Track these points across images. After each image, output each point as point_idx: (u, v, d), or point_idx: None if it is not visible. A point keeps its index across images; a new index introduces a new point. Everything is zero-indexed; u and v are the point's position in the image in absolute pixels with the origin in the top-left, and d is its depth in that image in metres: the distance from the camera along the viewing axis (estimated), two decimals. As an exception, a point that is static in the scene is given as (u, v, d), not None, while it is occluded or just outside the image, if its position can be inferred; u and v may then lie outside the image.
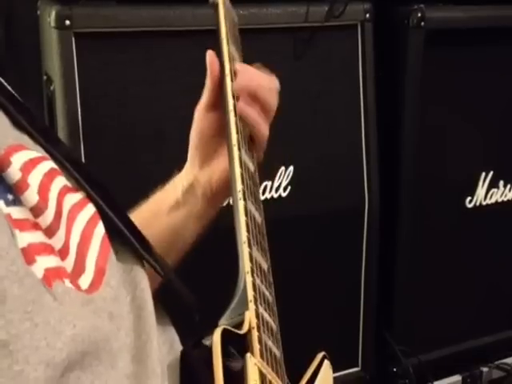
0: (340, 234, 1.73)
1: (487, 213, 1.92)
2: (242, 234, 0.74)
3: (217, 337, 0.64)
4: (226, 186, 0.87)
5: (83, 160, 1.42)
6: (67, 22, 1.39)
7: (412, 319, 1.85)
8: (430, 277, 1.87)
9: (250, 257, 0.73)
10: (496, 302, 1.99)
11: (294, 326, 1.40)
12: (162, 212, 0.91)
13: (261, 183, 1.61)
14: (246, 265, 0.72)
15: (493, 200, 1.92)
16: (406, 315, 1.85)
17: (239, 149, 0.80)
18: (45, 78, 1.55)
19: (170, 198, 0.91)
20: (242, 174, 0.78)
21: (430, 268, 1.87)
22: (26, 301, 0.53)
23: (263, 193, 1.62)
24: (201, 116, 0.90)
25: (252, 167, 0.83)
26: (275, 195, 1.64)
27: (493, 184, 1.91)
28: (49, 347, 0.53)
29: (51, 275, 0.57)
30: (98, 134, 1.45)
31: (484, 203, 1.91)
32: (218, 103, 0.88)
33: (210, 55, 0.88)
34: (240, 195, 0.77)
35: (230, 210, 0.79)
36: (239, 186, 0.77)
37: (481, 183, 1.90)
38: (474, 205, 1.90)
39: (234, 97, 0.85)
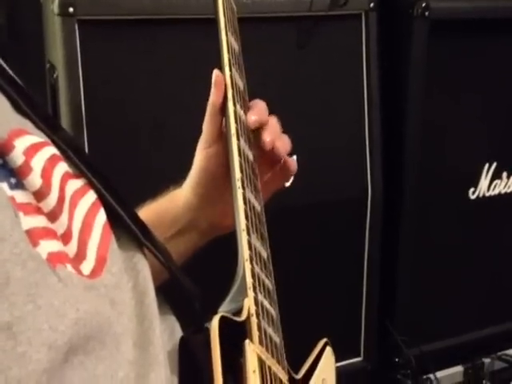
0: (343, 224, 1.73)
1: (490, 204, 1.91)
2: (241, 222, 0.74)
3: (215, 324, 0.64)
4: (228, 227, 0.86)
5: (86, 148, 1.43)
6: (70, 9, 1.39)
7: (414, 310, 1.85)
8: (432, 267, 1.87)
9: (248, 244, 0.73)
10: (499, 293, 1.99)
11: (295, 316, 1.40)
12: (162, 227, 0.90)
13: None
14: (244, 252, 0.73)
15: (496, 191, 1.92)
16: (408, 306, 1.85)
17: (238, 138, 0.80)
18: (48, 65, 1.55)
19: (166, 228, 0.90)
20: (240, 163, 0.78)
21: (432, 258, 1.87)
22: (29, 283, 0.53)
23: (266, 182, 1.62)
24: (203, 153, 0.88)
25: (251, 157, 0.83)
26: (278, 184, 1.64)
27: (496, 175, 1.91)
28: (51, 330, 0.53)
29: (54, 259, 0.57)
30: (101, 121, 1.45)
31: (487, 194, 1.91)
32: (219, 135, 0.87)
33: (216, 77, 0.85)
34: (239, 184, 0.77)
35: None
36: (238, 175, 0.77)
37: (484, 174, 1.89)
38: (477, 196, 1.90)
39: (232, 87, 0.84)
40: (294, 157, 1.64)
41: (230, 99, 0.83)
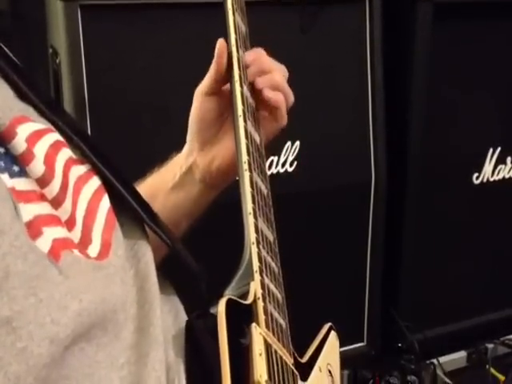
0: (346, 210, 1.73)
1: (494, 189, 1.91)
2: (248, 205, 0.74)
3: (222, 307, 0.64)
4: (226, 172, 0.87)
5: (89, 132, 1.42)
6: (73, -5, 1.39)
7: (418, 295, 1.85)
8: (435, 253, 1.87)
9: (255, 228, 0.73)
10: (502, 278, 1.99)
11: (300, 302, 1.40)
12: (159, 194, 0.90)
13: (267, 158, 1.61)
14: (251, 235, 0.72)
15: (500, 176, 1.91)
16: (412, 291, 1.85)
17: (245, 120, 0.80)
18: (50, 50, 1.54)
19: (166, 182, 0.91)
20: (247, 146, 0.78)
21: (436, 244, 1.87)
22: (29, 276, 0.52)
23: (269, 168, 1.62)
24: (200, 100, 0.89)
25: (258, 139, 0.83)
26: (281, 170, 1.64)
27: (500, 160, 1.90)
28: (53, 323, 0.52)
29: (60, 245, 0.57)
30: (104, 106, 1.45)
31: (491, 179, 1.90)
32: (219, 89, 0.87)
33: (219, 44, 0.85)
34: (246, 166, 0.76)
35: (236, 182, 0.79)
36: (245, 157, 0.77)
37: (488, 159, 1.89)
38: (481, 181, 1.89)
39: (239, 67, 0.84)
40: (297, 142, 1.65)
41: (236, 80, 0.82)
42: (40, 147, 0.61)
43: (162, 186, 0.91)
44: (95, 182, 0.66)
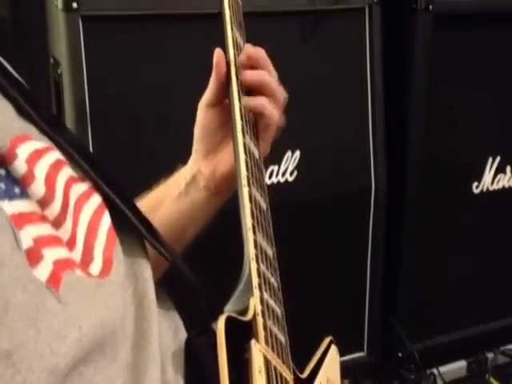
0: (346, 219, 1.73)
1: (494, 198, 1.91)
2: (247, 221, 0.74)
3: (221, 324, 0.64)
4: (230, 180, 0.86)
5: (90, 142, 1.43)
6: (74, 5, 1.39)
7: (417, 304, 1.85)
8: (435, 261, 1.87)
9: (254, 243, 0.73)
10: (502, 287, 1.99)
11: (300, 311, 1.41)
12: (165, 202, 0.91)
13: (267, 167, 1.61)
14: (250, 251, 0.72)
15: (500, 185, 1.92)
16: (412, 300, 1.85)
17: (244, 135, 0.80)
18: (52, 61, 1.55)
19: (173, 191, 0.91)
20: (246, 161, 0.78)
21: (435, 253, 1.87)
22: (29, 308, 0.52)
23: (270, 177, 1.62)
24: (203, 111, 0.89)
25: (257, 154, 0.83)
26: (282, 180, 1.64)
27: (500, 169, 1.91)
28: (53, 354, 0.52)
29: (61, 267, 0.57)
30: (106, 117, 1.45)
31: (491, 188, 1.90)
32: (222, 100, 0.88)
33: (217, 54, 0.86)
34: (245, 181, 0.77)
35: (236, 196, 0.79)
36: (244, 172, 0.77)
37: (488, 168, 1.89)
38: (481, 190, 1.89)
39: (238, 83, 0.84)
40: (298, 152, 1.65)
41: (235, 97, 0.82)
42: (41, 167, 0.61)
43: (168, 196, 0.91)
44: (96, 200, 0.66)
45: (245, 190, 0.76)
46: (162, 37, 1.49)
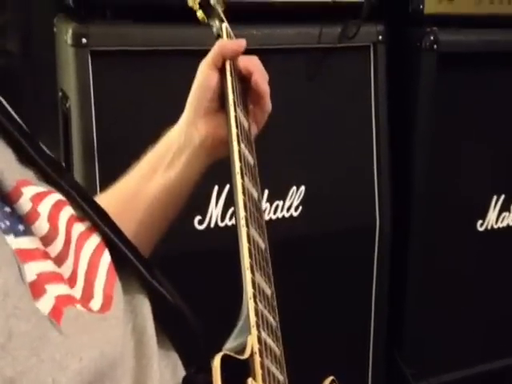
0: (351, 254, 1.73)
1: (499, 236, 1.91)
2: (245, 261, 0.75)
3: (217, 362, 0.64)
4: (224, 143, 0.90)
5: (97, 177, 1.44)
6: (84, 40, 1.41)
7: (422, 342, 1.84)
8: (441, 298, 1.87)
9: (252, 283, 0.74)
10: (508, 325, 1.98)
11: (303, 345, 1.40)
12: (157, 173, 0.95)
13: (272, 203, 1.62)
14: (248, 291, 0.73)
15: (504, 223, 1.92)
16: (416, 338, 1.84)
17: (242, 177, 0.81)
18: (60, 94, 1.57)
19: (163, 155, 0.95)
20: (244, 201, 0.79)
21: (441, 289, 1.86)
22: (32, 337, 0.53)
23: (275, 212, 1.63)
24: (205, 71, 0.96)
25: (256, 194, 0.84)
26: (286, 215, 1.65)
27: (504, 207, 1.91)
28: (55, 383, 0.53)
29: (62, 302, 0.58)
30: (113, 151, 1.46)
31: (495, 227, 1.91)
32: (221, 67, 0.95)
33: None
34: (243, 222, 0.77)
35: (235, 235, 0.80)
36: (242, 213, 0.78)
37: (492, 207, 1.89)
38: (486, 228, 1.90)
39: (237, 125, 0.87)
40: (303, 187, 1.66)
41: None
42: (44, 207, 0.62)
43: (160, 164, 0.95)
44: (96, 239, 0.68)
45: (243, 231, 0.77)
46: (171, 73, 1.50)
